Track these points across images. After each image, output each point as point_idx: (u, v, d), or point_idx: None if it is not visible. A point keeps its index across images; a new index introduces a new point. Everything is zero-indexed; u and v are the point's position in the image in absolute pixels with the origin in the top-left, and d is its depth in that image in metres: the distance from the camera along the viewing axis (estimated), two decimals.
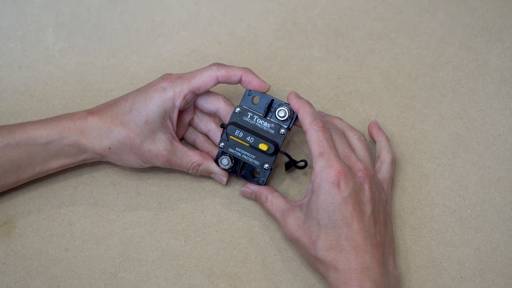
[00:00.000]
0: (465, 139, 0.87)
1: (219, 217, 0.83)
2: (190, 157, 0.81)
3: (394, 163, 0.82)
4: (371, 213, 0.75)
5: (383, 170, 0.81)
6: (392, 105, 0.89)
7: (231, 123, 0.80)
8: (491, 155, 0.86)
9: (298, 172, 0.85)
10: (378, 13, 0.94)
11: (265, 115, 0.80)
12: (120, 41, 0.92)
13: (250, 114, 0.80)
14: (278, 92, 0.89)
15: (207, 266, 0.80)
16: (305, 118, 0.77)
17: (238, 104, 0.81)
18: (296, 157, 0.85)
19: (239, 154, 0.80)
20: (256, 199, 0.82)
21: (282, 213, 0.79)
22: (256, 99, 0.81)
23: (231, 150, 0.81)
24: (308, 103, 0.78)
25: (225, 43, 0.92)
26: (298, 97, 0.79)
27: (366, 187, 0.75)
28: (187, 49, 0.92)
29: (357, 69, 0.91)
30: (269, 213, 0.81)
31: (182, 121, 0.83)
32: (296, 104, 0.78)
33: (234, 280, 0.80)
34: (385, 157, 0.82)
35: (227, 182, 0.83)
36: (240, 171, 0.82)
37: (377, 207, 0.76)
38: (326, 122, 0.78)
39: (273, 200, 0.80)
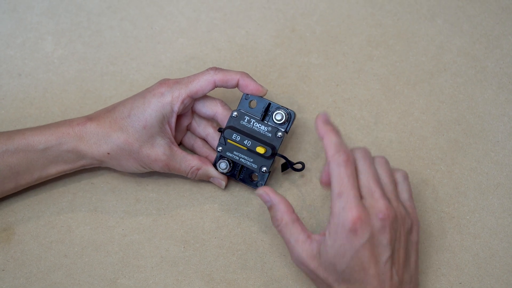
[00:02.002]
0: (464, 146, 0.87)
1: (218, 223, 0.83)
2: (189, 161, 0.81)
3: (407, 178, 0.78)
4: (389, 257, 0.71)
5: (400, 190, 0.76)
6: (391, 112, 0.89)
7: (228, 127, 0.80)
8: (489, 161, 0.86)
9: (296, 174, 0.85)
10: (377, 20, 0.94)
11: (262, 119, 0.80)
12: (119, 48, 0.93)
13: (247, 118, 0.80)
14: (277, 99, 0.89)
15: (206, 272, 0.80)
16: (328, 149, 0.71)
17: (236, 108, 0.81)
18: (294, 160, 0.85)
19: (237, 158, 0.81)
20: (269, 209, 0.76)
21: (296, 241, 0.74)
22: (253, 103, 0.81)
23: (229, 154, 0.81)
24: (334, 130, 0.72)
25: (224, 50, 0.93)
26: (325, 122, 0.73)
27: (387, 229, 0.71)
28: (186, 56, 0.92)
29: (356, 75, 0.91)
30: (279, 233, 0.76)
31: (180, 125, 0.83)
32: (321, 131, 0.72)
33: (233, 286, 0.80)
34: (396, 176, 0.77)
35: (226, 186, 0.83)
36: (239, 174, 0.82)
37: (398, 244, 0.72)
38: (352, 151, 0.73)
39: (289, 223, 0.75)
